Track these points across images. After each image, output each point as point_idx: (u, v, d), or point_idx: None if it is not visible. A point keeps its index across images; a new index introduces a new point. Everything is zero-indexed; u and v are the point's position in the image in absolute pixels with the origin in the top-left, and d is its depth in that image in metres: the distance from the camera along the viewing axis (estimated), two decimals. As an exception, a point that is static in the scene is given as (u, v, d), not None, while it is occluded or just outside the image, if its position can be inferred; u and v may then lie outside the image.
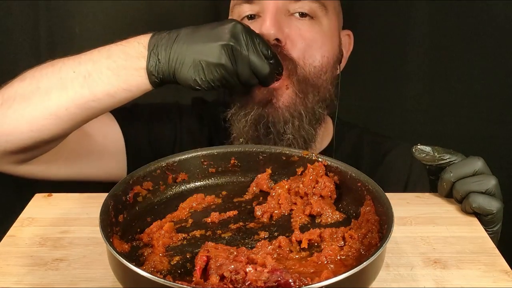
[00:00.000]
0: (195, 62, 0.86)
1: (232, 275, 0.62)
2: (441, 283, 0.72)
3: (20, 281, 0.71)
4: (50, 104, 0.89)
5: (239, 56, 0.86)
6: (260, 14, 1.03)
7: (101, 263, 0.74)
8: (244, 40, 0.87)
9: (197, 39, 0.87)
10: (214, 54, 0.85)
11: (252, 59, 0.87)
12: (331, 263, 0.69)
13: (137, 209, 0.79)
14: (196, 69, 0.86)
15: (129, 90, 0.90)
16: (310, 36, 1.02)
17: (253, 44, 0.87)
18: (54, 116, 0.89)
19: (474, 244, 0.80)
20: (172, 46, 0.87)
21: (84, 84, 0.88)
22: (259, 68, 0.88)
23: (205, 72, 0.86)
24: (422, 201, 0.91)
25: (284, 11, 1.02)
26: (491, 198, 0.85)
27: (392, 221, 0.67)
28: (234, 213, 0.81)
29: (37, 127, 0.90)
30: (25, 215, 0.86)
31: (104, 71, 0.88)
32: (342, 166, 0.82)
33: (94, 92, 0.88)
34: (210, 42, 0.86)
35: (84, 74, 0.88)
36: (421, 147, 0.89)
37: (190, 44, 0.86)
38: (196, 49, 0.86)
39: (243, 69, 0.87)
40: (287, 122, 1.00)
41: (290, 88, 1.00)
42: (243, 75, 0.88)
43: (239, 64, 0.87)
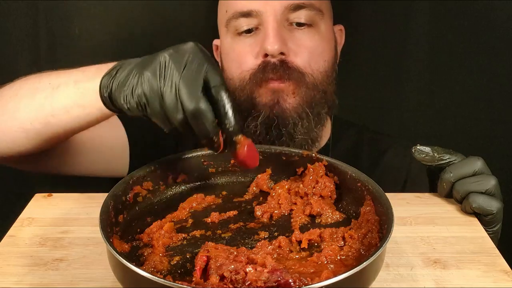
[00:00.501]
0: (132, 74, 0.73)
1: (232, 275, 0.62)
2: (441, 283, 0.72)
3: (20, 281, 0.71)
4: (18, 116, 0.87)
5: (168, 71, 0.70)
6: (259, 27, 1.02)
7: (101, 263, 0.74)
8: (188, 57, 0.70)
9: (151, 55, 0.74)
10: (149, 65, 0.71)
11: (183, 81, 0.69)
12: (331, 263, 0.69)
13: (137, 209, 0.80)
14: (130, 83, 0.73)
15: (84, 106, 0.81)
16: (312, 45, 1.03)
17: (196, 66, 0.70)
18: (21, 130, 0.87)
19: (474, 244, 0.80)
20: (133, 61, 0.76)
21: (48, 96, 0.84)
22: (184, 96, 0.69)
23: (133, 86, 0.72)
24: (422, 201, 0.91)
25: (283, 22, 1.02)
26: (491, 198, 0.85)
27: (392, 221, 0.67)
28: (234, 213, 0.81)
29: (11, 139, 0.89)
30: (25, 215, 0.86)
31: (71, 83, 0.83)
32: (342, 166, 0.82)
33: (53, 105, 0.84)
34: (154, 55, 0.72)
35: (54, 85, 0.84)
36: (421, 147, 0.89)
37: (141, 58, 0.75)
38: (141, 61, 0.74)
39: (168, 90, 0.69)
40: (296, 124, 1.01)
41: (297, 95, 1.01)
42: (167, 97, 0.69)
43: (166, 83, 0.70)
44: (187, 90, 0.68)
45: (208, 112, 0.69)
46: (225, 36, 1.08)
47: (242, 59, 1.04)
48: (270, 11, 1.00)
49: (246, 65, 1.03)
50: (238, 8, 1.03)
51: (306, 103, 1.02)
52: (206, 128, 0.70)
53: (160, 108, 0.71)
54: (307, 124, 1.02)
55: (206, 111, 0.69)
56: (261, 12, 1.01)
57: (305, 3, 1.02)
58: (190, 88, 0.69)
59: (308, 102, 1.02)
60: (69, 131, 0.88)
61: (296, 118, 1.01)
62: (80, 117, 0.83)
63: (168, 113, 0.70)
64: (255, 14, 1.01)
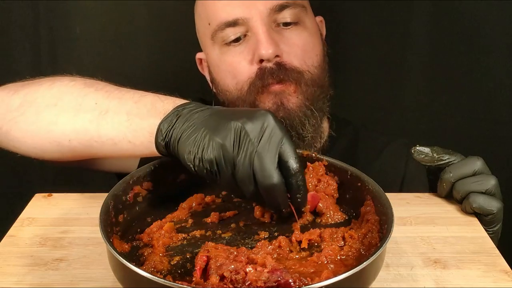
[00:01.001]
0: (199, 133, 0.71)
1: (232, 275, 0.62)
2: (441, 283, 0.72)
3: (20, 281, 0.71)
4: (55, 129, 0.84)
5: (244, 143, 0.68)
6: (247, 34, 1.01)
7: (101, 263, 0.74)
8: (265, 130, 0.69)
9: (219, 114, 0.72)
10: (221, 131, 0.69)
11: (259, 155, 0.68)
12: (331, 263, 0.69)
13: (137, 209, 0.79)
14: (197, 142, 0.71)
15: (133, 143, 0.79)
16: (302, 42, 1.03)
17: (272, 142, 0.68)
18: (56, 144, 0.85)
19: (474, 244, 0.80)
20: (195, 113, 0.73)
21: (94, 120, 0.81)
22: (261, 171, 0.68)
23: (203, 148, 0.70)
24: (422, 201, 0.91)
25: (271, 24, 1.01)
26: (491, 198, 0.85)
27: (392, 221, 0.67)
28: (234, 213, 0.81)
29: (40, 147, 0.86)
30: (25, 215, 0.86)
31: (122, 113, 0.80)
32: (342, 166, 0.82)
33: (99, 133, 0.81)
34: (226, 119, 0.70)
35: (102, 109, 0.81)
36: (420, 148, 0.89)
37: (209, 117, 0.72)
38: (210, 122, 0.71)
39: (243, 162, 0.68)
40: (303, 123, 1.01)
41: (299, 95, 1.01)
42: (241, 169, 0.68)
43: (240, 153, 0.68)
44: (263, 164, 0.67)
45: (282, 187, 0.69)
46: (212, 49, 1.05)
47: (236, 69, 1.02)
48: (256, 16, 0.99)
49: (241, 75, 1.01)
50: (223, 19, 1.00)
51: (308, 100, 1.02)
52: (278, 202, 0.70)
53: (232, 177, 0.70)
54: (314, 121, 1.02)
55: (280, 186, 0.69)
56: (247, 19, 0.99)
57: (288, 2, 1.01)
58: (266, 162, 0.68)
59: (310, 99, 1.02)
60: (109, 157, 0.86)
61: (302, 116, 1.01)
62: (127, 151, 0.81)
63: (240, 184, 0.70)
64: (242, 22, 0.99)
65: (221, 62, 1.04)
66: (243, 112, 0.71)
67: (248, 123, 0.69)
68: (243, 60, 1.01)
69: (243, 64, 1.01)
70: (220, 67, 1.05)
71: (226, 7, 1.00)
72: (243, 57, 1.01)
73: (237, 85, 1.02)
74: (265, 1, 0.99)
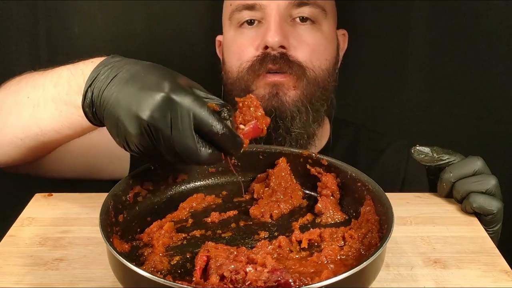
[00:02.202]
0: (117, 124, 0.69)
1: (232, 275, 0.62)
2: (441, 283, 0.72)
3: (20, 281, 0.71)
4: (7, 132, 0.86)
5: (160, 135, 0.66)
6: (261, 20, 1.03)
7: (101, 263, 0.74)
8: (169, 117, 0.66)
9: (126, 95, 0.69)
10: (133, 127, 0.67)
11: (177, 141, 0.66)
12: (331, 263, 0.69)
13: (137, 209, 0.79)
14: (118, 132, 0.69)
15: (73, 128, 0.80)
16: (313, 41, 1.04)
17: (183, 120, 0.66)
18: (13, 145, 0.87)
19: (474, 244, 0.80)
20: (105, 88, 0.71)
21: (32, 115, 0.82)
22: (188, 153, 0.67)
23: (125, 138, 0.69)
24: (422, 201, 0.91)
25: (286, 17, 1.03)
26: (492, 198, 0.85)
27: (392, 221, 0.67)
28: (234, 213, 0.81)
29: (4, 152, 0.89)
30: (25, 215, 0.86)
31: (49, 102, 0.80)
32: (342, 166, 0.82)
33: (41, 127, 0.82)
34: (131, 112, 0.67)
35: (34, 103, 0.82)
36: (420, 148, 0.89)
37: (119, 96, 0.69)
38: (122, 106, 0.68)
39: (166, 151, 0.68)
40: (294, 118, 1.01)
41: (298, 89, 1.01)
42: (167, 156, 0.68)
43: (160, 145, 0.67)
44: (185, 150, 0.67)
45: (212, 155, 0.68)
46: (228, 29, 1.09)
47: (243, 51, 1.05)
48: (273, 5, 1.01)
49: (245, 57, 1.04)
50: (243, 1, 1.04)
51: (306, 97, 1.02)
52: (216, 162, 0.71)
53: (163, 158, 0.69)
54: (305, 119, 1.02)
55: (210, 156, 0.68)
56: (265, 6, 1.02)
57: (309, 2, 1.03)
58: (187, 148, 0.67)
59: (308, 97, 1.02)
60: (63, 143, 0.88)
61: (295, 111, 1.01)
62: (73, 135, 0.82)
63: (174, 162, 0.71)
64: (259, 7, 1.02)
65: (233, 43, 1.07)
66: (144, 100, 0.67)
67: (151, 116, 0.66)
68: (250, 45, 1.04)
69: (250, 48, 1.04)
70: (230, 48, 1.08)
71: None
72: (251, 42, 1.04)
73: (239, 67, 1.05)
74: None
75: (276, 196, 0.83)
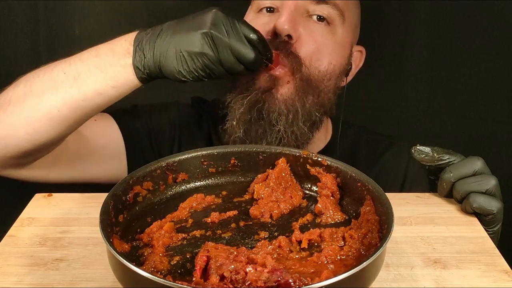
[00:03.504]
0: (177, 53, 0.86)
1: (232, 275, 0.62)
2: (441, 283, 0.72)
3: (20, 281, 0.71)
4: (42, 107, 0.89)
5: (220, 43, 0.85)
6: (279, 9, 1.03)
7: (101, 263, 0.74)
8: (225, 26, 0.85)
9: (179, 30, 0.87)
10: (195, 43, 0.85)
11: (233, 45, 0.86)
12: (331, 263, 0.69)
13: (137, 209, 0.79)
14: (179, 60, 0.86)
15: (117, 87, 0.89)
16: (322, 41, 1.03)
17: (235, 30, 0.86)
18: (47, 118, 0.89)
19: (474, 244, 0.80)
20: (156, 40, 0.87)
21: (74, 84, 0.88)
22: (242, 54, 0.86)
23: (188, 62, 0.86)
24: (422, 201, 0.91)
25: (303, 11, 1.02)
26: (492, 198, 0.85)
27: (392, 221, 0.67)
28: (234, 213, 0.81)
29: (33, 130, 0.90)
30: (25, 215, 0.86)
31: (92, 69, 0.89)
32: (342, 166, 0.82)
33: (83, 91, 0.88)
34: (190, 32, 0.86)
35: (74, 74, 0.89)
36: (420, 147, 0.89)
37: (172, 36, 0.86)
38: (178, 40, 0.86)
39: (226, 56, 0.86)
40: (281, 114, 1.00)
41: (291, 83, 1.00)
42: (227, 62, 0.86)
43: (220, 52, 0.85)
44: (240, 50, 0.86)
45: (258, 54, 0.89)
46: (249, 12, 1.10)
47: None
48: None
49: None
50: None
51: (298, 95, 1.01)
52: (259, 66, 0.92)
53: (222, 69, 0.87)
54: (292, 118, 1.01)
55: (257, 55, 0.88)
56: None
57: (329, 2, 1.03)
58: (241, 47, 0.86)
59: (300, 96, 1.01)
60: (100, 110, 0.93)
61: (283, 110, 1.00)
62: (114, 95, 0.90)
63: (230, 71, 0.88)
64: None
65: None
66: (201, 19, 0.87)
67: (212, 27, 0.85)
68: (263, 30, 1.02)
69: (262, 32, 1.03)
70: None
71: None
72: (265, 27, 1.03)
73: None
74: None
75: (276, 196, 0.83)
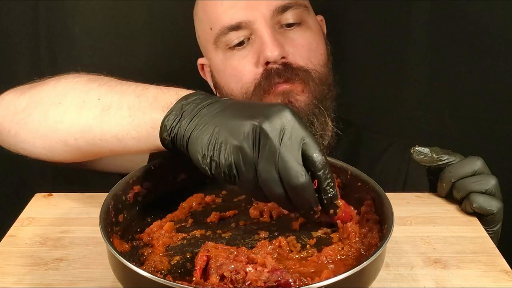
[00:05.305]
0: (212, 134, 0.67)
1: (232, 275, 0.62)
2: (441, 283, 0.72)
3: (20, 281, 0.71)
4: (61, 128, 0.82)
5: (265, 145, 0.64)
6: (251, 37, 1.00)
7: (101, 263, 0.74)
8: (285, 130, 0.64)
9: (230, 111, 0.68)
10: (237, 132, 0.65)
11: (283, 155, 0.64)
12: (331, 263, 0.69)
13: (137, 209, 0.79)
14: (211, 143, 0.67)
15: (137, 139, 0.76)
16: (306, 42, 1.02)
17: (294, 140, 0.64)
18: (63, 144, 0.83)
19: (474, 244, 0.80)
20: (202, 108, 0.70)
21: (98, 116, 0.79)
22: (288, 171, 0.64)
23: (219, 150, 0.66)
24: (422, 201, 0.91)
25: (275, 26, 1.00)
26: (492, 198, 0.85)
27: (392, 221, 0.67)
28: (234, 213, 0.81)
29: (49, 147, 0.84)
30: (25, 215, 0.86)
31: (124, 108, 0.77)
32: (342, 166, 0.82)
33: (103, 130, 0.78)
34: (241, 118, 0.66)
35: (105, 105, 0.78)
36: (419, 148, 0.89)
37: (219, 113, 0.68)
38: (222, 120, 0.67)
39: (265, 165, 0.64)
40: (313, 122, 1.00)
41: (307, 92, 1.00)
42: (263, 173, 0.65)
43: (261, 156, 0.64)
44: (288, 164, 0.64)
45: (310, 184, 0.65)
46: (215, 54, 1.04)
47: (241, 73, 1.01)
48: (259, 18, 0.98)
49: (246, 77, 1.01)
50: (226, 23, 1.00)
51: (317, 99, 1.01)
52: (309, 200, 0.67)
53: (254, 181, 0.66)
54: (323, 119, 1.01)
55: (309, 184, 0.65)
56: (251, 22, 0.99)
57: (291, 3, 1.00)
58: (291, 162, 0.64)
59: (319, 98, 1.01)
60: (116, 154, 0.84)
61: (311, 115, 1.00)
62: (132, 147, 0.78)
63: (264, 187, 0.66)
64: (245, 25, 0.99)
65: (226, 67, 1.03)
66: (258, 109, 0.67)
67: (266, 122, 0.64)
68: (248, 64, 1.01)
69: (248, 67, 1.01)
70: (224, 72, 1.04)
71: (228, 10, 0.99)
72: (248, 61, 1.01)
73: (241, 88, 1.02)
74: (268, 3, 0.99)
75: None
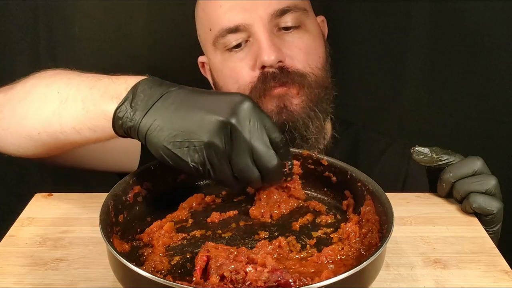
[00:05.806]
0: (176, 132, 0.69)
1: (232, 275, 0.62)
2: (441, 283, 0.72)
3: (20, 281, 0.71)
4: (26, 123, 0.83)
5: (237, 138, 0.69)
6: (249, 39, 1.00)
7: (101, 263, 0.74)
8: (250, 121, 0.70)
9: (187, 105, 0.71)
10: (204, 128, 0.68)
11: (255, 144, 0.70)
12: (331, 263, 0.69)
13: (137, 209, 0.79)
14: (176, 141, 0.69)
15: (94, 130, 0.78)
16: (305, 45, 1.02)
17: (259, 128, 0.70)
18: (29, 138, 0.84)
19: (474, 244, 0.80)
20: (156, 101, 0.72)
21: (56, 111, 0.80)
22: (263, 158, 0.71)
23: (188, 148, 0.69)
24: (422, 201, 0.91)
25: (273, 29, 1.00)
26: (491, 198, 0.85)
27: (392, 221, 0.67)
28: (234, 213, 0.81)
29: (18, 143, 0.86)
30: (25, 215, 0.86)
31: (78, 101, 0.78)
32: (342, 166, 0.82)
33: (61, 123, 0.80)
34: (202, 113, 0.69)
35: (63, 98, 0.80)
36: (419, 148, 0.89)
37: (177, 108, 0.70)
38: (182, 116, 0.70)
39: (240, 156, 0.70)
40: (307, 124, 1.00)
41: (302, 95, 1.00)
42: (239, 163, 0.70)
43: (235, 149, 0.69)
44: (262, 151, 0.71)
45: (281, 163, 0.74)
46: (214, 54, 1.05)
47: (238, 75, 1.02)
48: (257, 22, 0.98)
49: (243, 79, 1.01)
50: (224, 25, 1.00)
51: (312, 102, 1.01)
52: (280, 176, 0.76)
53: (229, 171, 0.71)
54: (318, 123, 1.01)
55: (281, 163, 0.73)
56: (249, 25, 0.99)
57: (289, 7, 1.00)
58: (264, 148, 0.71)
59: (314, 101, 1.01)
60: (79, 146, 0.85)
61: (305, 118, 1.00)
62: (91, 138, 0.80)
63: (241, 175, 0.71)
64: (243, 28, 0.99)
65: (223, 68, 1.04)
66: (219, 102, 0.71)
67: (234, 117, 0.69)
68: (245, 66, 1.01)
69: (245, 69, 1.01)
70: (222, 72, 1.05)
71: (227, 13, 1.00)
72: (245, 63, 1.01)
73: (238, 89, 1.02)
74: (266, 6, 0.99)
75: (276, 196, 0.83)
